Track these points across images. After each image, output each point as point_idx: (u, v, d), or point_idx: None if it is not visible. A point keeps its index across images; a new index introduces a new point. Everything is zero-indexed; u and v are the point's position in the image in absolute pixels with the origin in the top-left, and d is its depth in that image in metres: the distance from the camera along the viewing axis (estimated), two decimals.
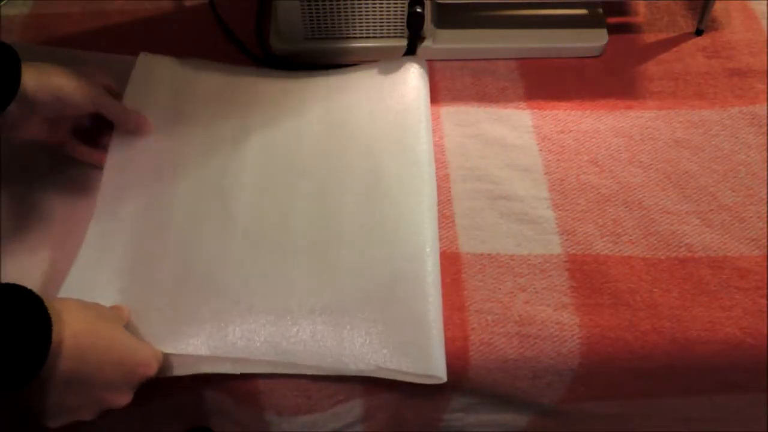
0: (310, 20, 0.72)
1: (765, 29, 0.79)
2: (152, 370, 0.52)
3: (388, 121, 0.67)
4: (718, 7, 0.80)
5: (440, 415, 0.61)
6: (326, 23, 0.73)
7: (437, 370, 0.54)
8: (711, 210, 0.65)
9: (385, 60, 0.73)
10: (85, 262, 0.60)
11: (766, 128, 0.70)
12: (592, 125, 0.71)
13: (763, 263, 0.61)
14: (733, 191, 0.66)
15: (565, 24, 0.77)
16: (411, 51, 0.74)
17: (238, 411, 0.59)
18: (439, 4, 0.73)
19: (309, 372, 0.55)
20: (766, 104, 0.72)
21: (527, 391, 0.58)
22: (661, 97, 0.73)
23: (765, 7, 0.81)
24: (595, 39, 0.76)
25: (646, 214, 0.64)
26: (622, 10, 0.82)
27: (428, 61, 0.75)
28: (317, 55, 0.75)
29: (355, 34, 0.74)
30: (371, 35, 0.74)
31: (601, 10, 0.78)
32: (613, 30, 0.77)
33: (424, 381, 0.54)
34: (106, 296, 0.57)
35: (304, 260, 0.59)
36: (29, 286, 0.46)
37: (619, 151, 0.69)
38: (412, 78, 0.71)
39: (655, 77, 0.75)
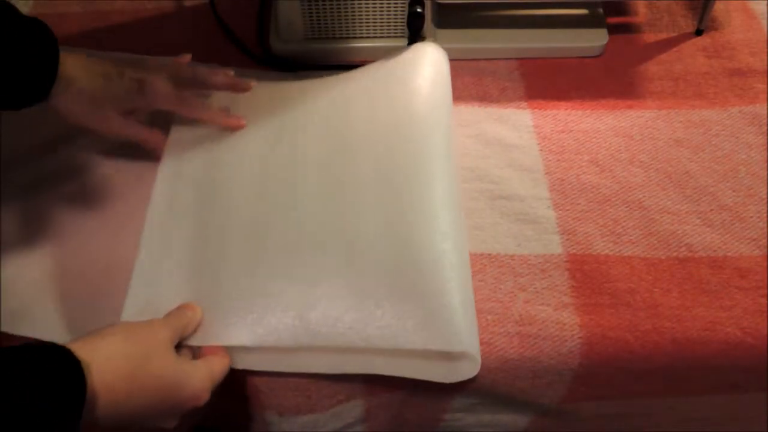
0: (310, 20, 0.72)
1: (765, 29, 0.79)
2: (202, 401, 0.50)
3: (403, 107, 0.65)
4: (718, 7, 0.80)
5: (441, 415, 0.61)
6: (326, 23, 0.73)
7: (472, 350, 0.53)
8: (711, 210, 0.65)
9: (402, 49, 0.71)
10: (148, 255, 0.59)
11: (766, 128, 0.70)
12: (593, 125, 0.71)
13: (764, 263, 0.61)
14: (734, 191, 0.66)
15: (565, 24, 0.77)
16: None
17: (238, 410, 0.59)
18: (439, 4, 0.73)
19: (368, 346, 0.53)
20: (766, 104, 0.72)
21: (527, 391, 0.58)
22: (661, 97, 0.73)
23: (765, 7, 0.81)
24: (595, 39, 0.76)
25: (646, 214, 0.64)
26: (622, 10, 0.82)
27: None
28: (317, 55, 0.75)
29: (355, 34, 0.74)
30: (371, 35, 0.74)
31: (601, 10, 0.78)
32: (613, 30, 0.77)
33: (459, 375, 0.54)
34: (172, 292, 0.56)
35: (311, 258, 0.58)
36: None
37: (620, 150, 0.69)
38: (429, 59, 0.69)
39: (655, 77, 0.75)
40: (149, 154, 0.66)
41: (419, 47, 0.71)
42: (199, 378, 0.50)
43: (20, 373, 0.41)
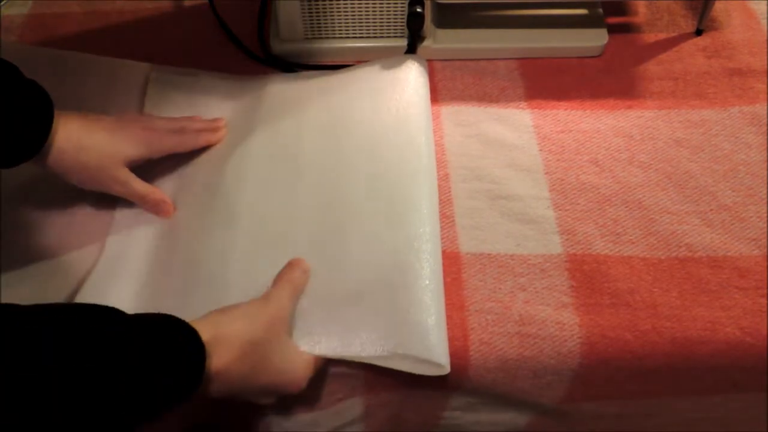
0: (311, 20, 0.72)
1: (765, 29, 0.79)
2: (299, 388, 0.52)
3: (389, 115, 0.67)
4: (718, 7, 0.80)
5: (440, 414, 0.61)
6: (326, 23, 0.73)
7: (440, 357, 0.53)
8: (711, 210, 0.65)
9: (385, 58, 0.73)
10: (104, 268, 0.60)
11: (766, 128, 0.70)
12: (593, 125, 0.71)
13: (763, 263, 0.61)
14: (733, 191, 0.66)
15: (565, 24, 0.77)
16: (411, 51, 0.74)
17: (238, 409, 0.59)
18: (439, 4, 0.73)
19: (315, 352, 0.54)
20: (766, 104, 0.72)
21: (527, 391, 0.58)
22: (661, 96, 0.73)
23: (765, 7, 0.81)
24: (595, 39, 0.76)
25: (646, 214, 0.64)
26: (622, 10, 0.82)
27: (428, 61, 0.75)
28: (317, 55, 0.75)
29: (355, 34, 0.74)
30: (371, 35, 0.74)
31: (601, 10, 0.78)
32: (613, 30, 0.77)
33: (428, 371, 0.54)
34: (123, 300, 0.57)
35: (308, 252, 0.59)
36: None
37: (619, 150, 0.69)
38: (412, 74, 0.71)
39: (655, 77, 0.75)
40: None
41: (402, 60, 0.72)
42: (303, 367, 0.52)
43: (148, 344, 0.43)
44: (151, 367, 0.42)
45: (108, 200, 0.64)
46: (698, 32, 0.79)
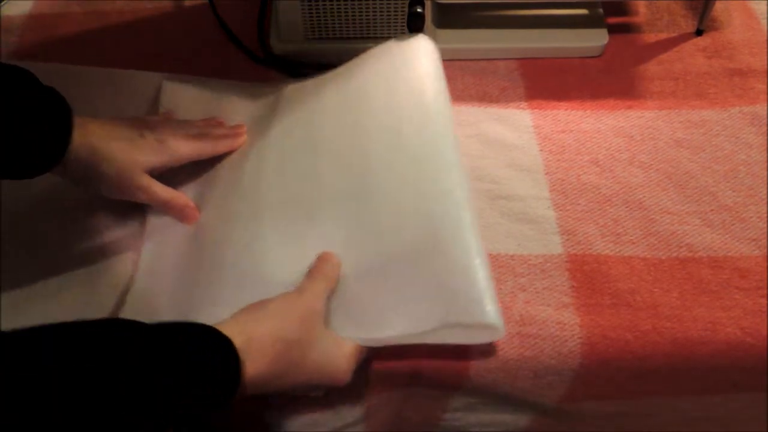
0: (311, 20, 0.72)
1: (765, 29, 0.79)
2: (343, 382, 0.51)
3: (405, 92, 0.65)
4: (718, 7, 0.80)
5: (441, 414, 0.61)
6: (326, 23, 0.73)
7: (495, 319, 0.51)
8: (711, 210, 0.65)
9: (392, 39, 0.71)
10: (143, 277, 0.60)
11: (766, 128, 0.70)
12: (593, 125, 0.71)
13: (764, 263, 0.61)
14: (734, 191, 0.66)
15: (565, 24, 0.77)
16: None
17: (237, 409, 0.59)
18: (439, 4, 0.73)
19: (360, 336, 0.52)
20: (766, 104, 0.72)
21: (528, 391, 0.58)
22: (662, 97, 0.73)
23: (765, 7, 0.81)
24: (595, 39, 0.76)
25: (646, 214, 0.64)
26: (622, 10, 0.82)
27: None
28: (317, 55, 0.75)
29: (355, 34, 0.74)
30: (371, 35, 0.74)
31: (601, 10, 0.78)
32: (613, 30, 0.77)
33: (480, 338, 0.53)
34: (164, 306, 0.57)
35: (337, 235, 0.58)
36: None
37: (620, 151, 0.69)
38: (422, 49, 0.69)
39: (656, 77, 0.75)
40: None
41: (413, 42, 0.69)
42: (345, 360, 0.51)
43: (181, 356, 0.42)
44: (186, 379, 0.42)
45: (138, 207, 0.64)
46: (698, 32, 0.79)
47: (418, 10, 0.69)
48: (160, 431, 0.41)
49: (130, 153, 0.58)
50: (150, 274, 0.61)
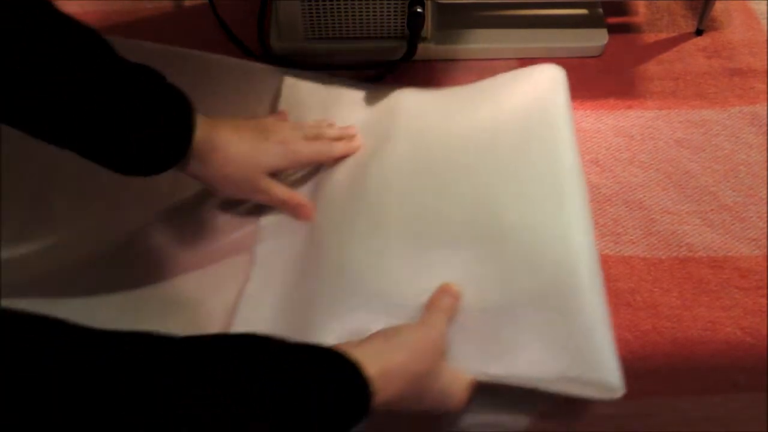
0: (311, 20, 0.72)
1: (765, 29, 0.79)
2: (459, 409, 0.52)
3: (533, 131, 0.65)
4: (718, 7, 0.80)
5: (440, 415, 0.61)
6: (326, 23, 0.73)
7: (613, 379, 0.51)
8: (711, 210, 0.65)
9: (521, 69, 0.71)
10: (257, 279, 0.59)
11: (766, 128, 0.70)
12: (593, 125, 0.71)
13: (764, 263, 0.61)
14: (734, 191, 0.66)
15: (565, 24, 0.77)
16: (411, 51, 0.74)
17: None
18: (439, 4, 0.73)
19: (478, 377, 0.52)
20: (766, 104, 0.72)
21: (527, 391, 0.58)
22: (662, 96, 0.73)
23: (765, 7, 0.81)
24: (595, 39, 0.76)
25: (646, 214, 0.64)
26: (622, 10, 0.82)
27: (428, 61, 0.75)
28: (317, 55, 0.75)
29: (355, 34, 0.74)
30: (371, 35, 0.74)
31: (600, 10, 0.78)
32: (613, 30, 0.77)
33: (598, 395, 0.52)
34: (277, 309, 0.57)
35: (462, 267, 0.57)
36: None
37: (620, 150, 0.69)
38: (549, 80, 0.69)
39: (655, 77, 0.75)
40: None
41: (546, 72, 0.69)
42: (462, 390, 0.52)
43: (314, 381, 0.41)
44: (318, 406, 0.41)
45: (250, 208, 0.64)
46: (698, 32, 0.79)
47: (418, 10, 0.69)
48: None
49: (255, 157, 0.58)
50: (264, 277, 0.60)
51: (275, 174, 0.62)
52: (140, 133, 0.52)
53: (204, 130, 0.55)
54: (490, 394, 0.58)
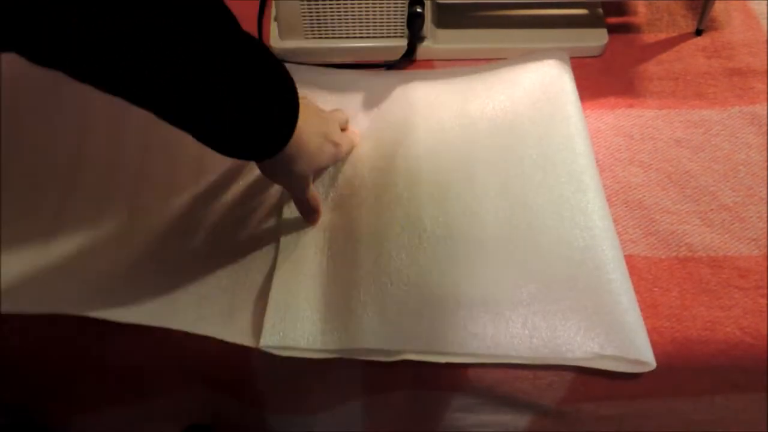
0: (310, 20, 0.72)
1: (765, 29, 0.79)
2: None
3: (551, 118, 0.67)
4: (718, 7, 0.80)
5: (440, 415, 0.61)
6: (326, 23, 0.73)
7: (646, 355, 0.55)
8: (711, 210, 0.65)
9: (528, 54, 0.73)
10: (285, 268, 0.59)
11: (766, 128, 0.70)
12: (593, 125, 0.71)
13: (763, 263, 0.61)
14: (734, 191, 0.66)
15: (565, 24, 0.77)
16: (411, 51, 0.74)
17: (238, 410, 0.59)
18: (439, 4, 0.73)
19: (519, 362, 0.55)
20: (766, 104, 0.72)
21: (528, 392, 0.58)
22: (661, 96, 0.73)
23: (765, 7, 0.81)
24: (595, 39, 0.76)
25: (646, 214, 0.64)
26: (622, 10, 0.82)
27: (428, 61, 0.75)
28: (317, 55, 0.75)
29: (355, 33, 0.74)
30: (371, 35, 0.74)
31: (601, 10, 0.78)
32: (613, 30, 0.77)
33: (630, 369, 0.55)
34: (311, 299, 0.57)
35: (502, 252, 0.59)
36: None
37: (620, 150, 0.69)
38: (558, 68, 0.71)
39: (655, 77, 0.75)
40: None
41: (553, 57, 0.72)
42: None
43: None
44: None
45: (273, 199, 0.64)
46: (698, 32, 0.79)
47: (418, 10, 0.69)
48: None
49: (318, 157, 0.58)
50: (292, 267, 0.59)
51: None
52: (258, 114, 0.49)
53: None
54: (491, 394, 0.59)
